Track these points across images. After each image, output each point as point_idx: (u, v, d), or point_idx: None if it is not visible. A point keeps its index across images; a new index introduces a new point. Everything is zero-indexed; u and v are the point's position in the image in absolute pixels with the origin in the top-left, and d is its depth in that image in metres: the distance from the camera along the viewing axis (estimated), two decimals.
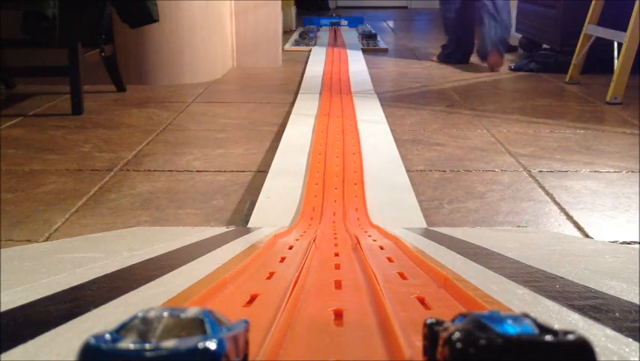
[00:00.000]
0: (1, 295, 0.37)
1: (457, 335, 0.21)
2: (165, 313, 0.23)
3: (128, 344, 0.21)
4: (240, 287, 0.42)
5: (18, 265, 0.55)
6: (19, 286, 0.41)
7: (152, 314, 0.23)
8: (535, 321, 0.22)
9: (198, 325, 0.22)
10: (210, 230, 0.92)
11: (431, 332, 0.24)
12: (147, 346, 0.20)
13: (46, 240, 1.05)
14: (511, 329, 0.21)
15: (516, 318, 0.22)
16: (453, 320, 0.24)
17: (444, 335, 0.22)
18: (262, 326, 0.31)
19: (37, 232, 1.08)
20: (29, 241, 1.05)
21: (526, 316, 0.22)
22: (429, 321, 0.25)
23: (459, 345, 0.21)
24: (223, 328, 0.23)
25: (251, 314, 0.35)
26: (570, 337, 0.20)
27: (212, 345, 0.21)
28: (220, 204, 1.22)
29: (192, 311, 0.23)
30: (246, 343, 0.25)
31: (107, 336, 0.21)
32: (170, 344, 0.21)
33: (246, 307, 0.37)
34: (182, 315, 0.23)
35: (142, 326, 0.22)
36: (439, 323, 0.24)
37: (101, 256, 0.57)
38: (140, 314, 0.23)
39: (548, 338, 0.20)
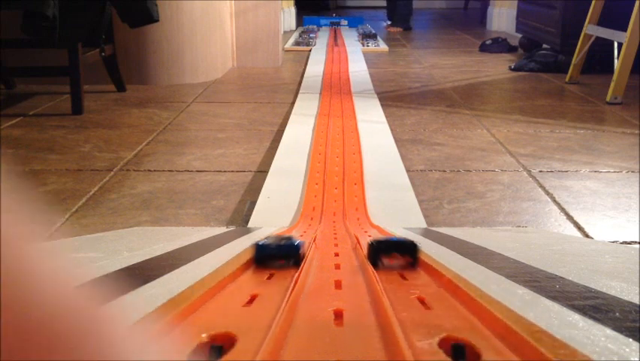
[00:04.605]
0: None
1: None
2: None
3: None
4: (240, 287, 0.42)
5: None
6: None
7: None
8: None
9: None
10: (210, 230, 0.92)
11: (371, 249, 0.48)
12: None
13: (46, 240, 1.05)
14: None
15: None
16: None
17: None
18: (262, 326, 0.31)
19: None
20: None
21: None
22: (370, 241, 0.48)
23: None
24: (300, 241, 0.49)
25: (251, 314, 0.35)
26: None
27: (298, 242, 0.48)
28: (220, 204, 1.22)
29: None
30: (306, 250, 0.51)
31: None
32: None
33: (246, 307, 0.37)
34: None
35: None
36: (380, 242, 0.49)
37: (101, 256, 0.57)
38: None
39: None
